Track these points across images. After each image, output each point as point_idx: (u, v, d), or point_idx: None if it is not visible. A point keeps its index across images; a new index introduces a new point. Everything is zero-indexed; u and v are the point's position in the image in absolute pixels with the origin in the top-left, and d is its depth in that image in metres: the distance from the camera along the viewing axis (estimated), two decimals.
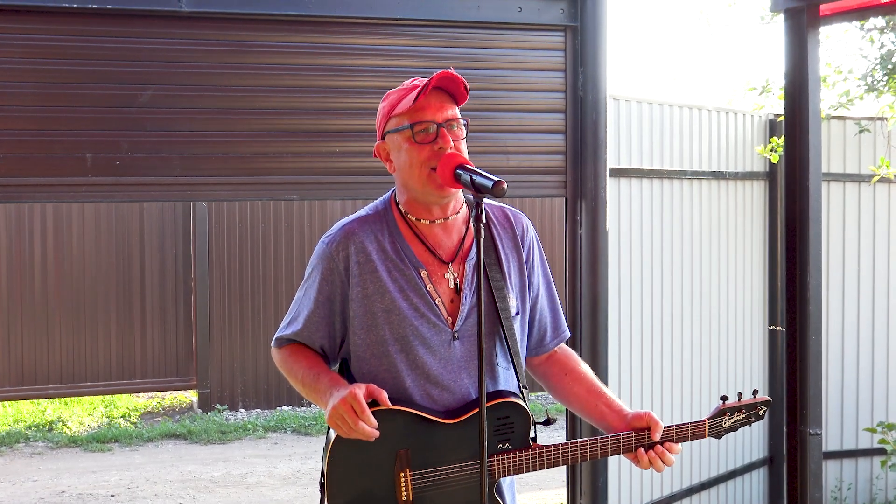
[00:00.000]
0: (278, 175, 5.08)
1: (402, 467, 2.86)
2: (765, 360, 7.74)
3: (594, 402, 3.16)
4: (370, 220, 3.01)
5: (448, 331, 2.95)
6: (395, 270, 2.94)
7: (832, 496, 7.89)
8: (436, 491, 2.89)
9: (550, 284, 3.21)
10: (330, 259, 2.97)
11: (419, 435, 2.88)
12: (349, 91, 5.15)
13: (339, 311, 2.98)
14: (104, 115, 4.81)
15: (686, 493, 7.00)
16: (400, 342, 2.92)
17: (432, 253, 2.98)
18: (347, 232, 2.98)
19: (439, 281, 2.97)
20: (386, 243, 2.97)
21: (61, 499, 8.82)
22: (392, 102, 2.95)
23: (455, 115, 2.91)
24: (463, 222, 3.04)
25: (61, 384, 11.82)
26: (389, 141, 2.96)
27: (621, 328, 6.40)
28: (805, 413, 4.70)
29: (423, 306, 2.93)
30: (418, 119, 2.87)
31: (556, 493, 8.79)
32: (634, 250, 6.54)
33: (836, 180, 7.85)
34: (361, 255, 2.94)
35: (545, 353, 3.23)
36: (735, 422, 3.19)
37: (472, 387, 2.96)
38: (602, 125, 5.56)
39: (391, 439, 2.84)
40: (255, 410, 12.31)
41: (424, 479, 2.88)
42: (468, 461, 2.90)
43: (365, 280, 2.93)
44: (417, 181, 2.90)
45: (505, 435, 2.93)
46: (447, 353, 2.95)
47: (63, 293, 11.73)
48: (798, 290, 4.71)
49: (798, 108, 4.78)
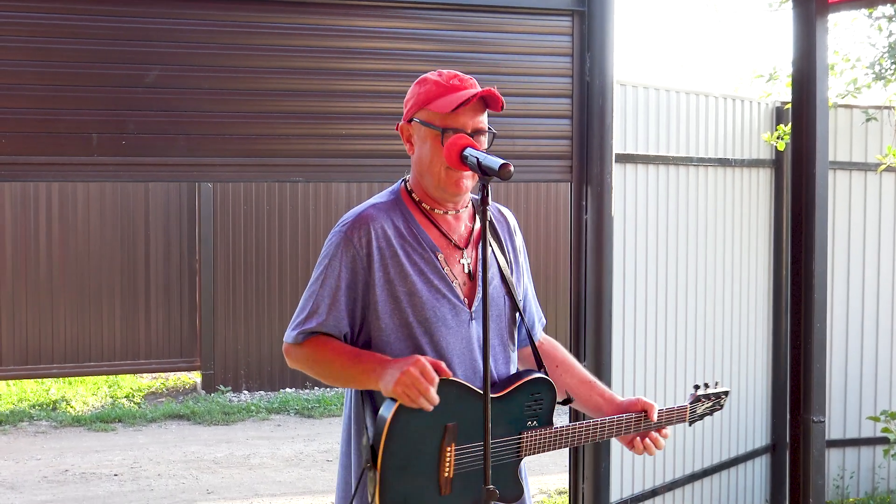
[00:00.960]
0: (284, 157, 5.08)
1: (450, 441, 2.88)
2: (769, 347, 7.73)
3: (587, 392, 3.26)
4: (384, 206, 3.04)
5: (466, 311, 3.00)
6: (414, 254, 2.98)
7: (834, 485, 7.90)
8: (473, 468, 2.91)
9: (530, 276, 3.32)
10: (350, 245, 2.95)
11: (465, 408, 2.89)
12: (355, 73, 5.14)
13: (360, 298, 2.97)
14: (110, 95, 4.81)
15: (688, 479, 7.01)
16: (423, 324, 2.95)
17: (447, 238, 3.03)
18: (366, 218, 2.98)
19: (454, 264, 3.02)
20: (402, 228, 3.00)
21: (65, 477, 8.84)
22: (429, 95, 2.98)
23: (483, 127, 2.98)
24: (469, 215, 3.12)
25: (65, 364, 11.84)
26: (415, 128, 3.01)
27: (625, 314, 6.40)
28: (808, 400, 4.70)
29: (443, 288, 2.98)
30: (451, 125, 2.93)
31: (558, 477, 8.80)
32: (639, 236, 6.54)
33: (843, 169, 7.83)
34: (382, 240, 2.96)
35: (527, 344, 3.28)
36: (705, 409, 3.36)
37: (491, 366, 3.02)
38: (608, 110, 5.55)
39: (442, 412, 2.85)
40: (258, 392, 12.33)
41: (467, 454, 2.91)
42: (504, 436, 2.96)
43: (386, 265, 2.95)
44: (435, 179, 2.97)
45: (535, 412, 3.00)
46: (466, 333, 2.99)
47: (68, 273, 11.74)
48: (803, 277, 4.70)
49: (805, 95, 4.76)
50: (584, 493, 5.68)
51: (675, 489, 6.93)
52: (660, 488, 6.78)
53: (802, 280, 4.71)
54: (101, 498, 8.28)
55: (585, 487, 5.66)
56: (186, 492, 8.48)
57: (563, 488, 8.38)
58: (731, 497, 7.49)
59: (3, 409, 11.31)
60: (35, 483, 8.69)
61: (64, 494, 8.36)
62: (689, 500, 7.08)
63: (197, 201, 12.11)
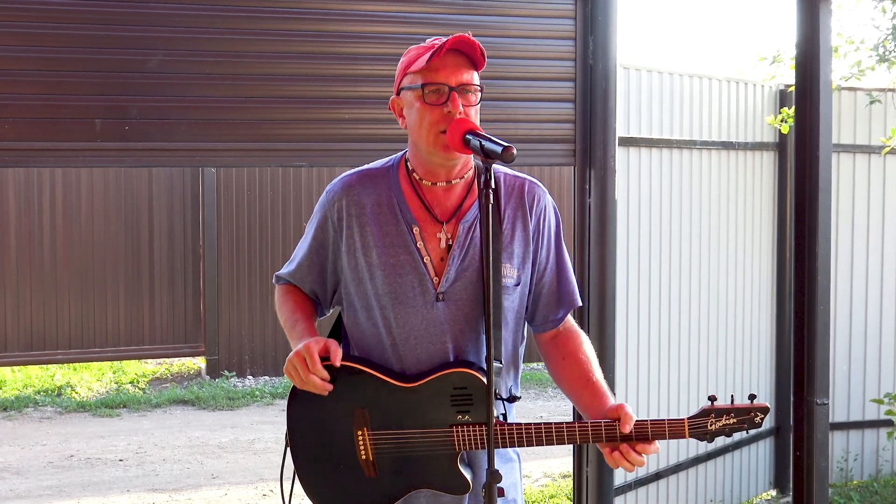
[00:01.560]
0: (287, 141, 5.08)
1: (360, 426, 2.87)
2: (773, 330, 7.74)
3: (581, 389, 3.02)
4: (373, 174, 3.02)
5: (432, 291, 2.92)
6: (387, 225, 2.94)
7: (838, 467, 7.91)
8: (397, 453, 2.89)
9: (562, 258, 3.10)
10: (326, 209, 3.01)
11: (377, 396, 2.88)
12: (358, 58, 5.14)
13: (331, 261, 3.02)
14: (113, 80, 4.80)
15: (692, 462, 7.02)
16: (381, 299, 2.93)
17: (428, 210, 2.96)
18: (346, 185, 3.00)
19: (430, 239, 2.95)
20: (383, 198, 2.97)
21: (70, 463, 8.87)
22: (410, 59, 2.93)
23: (470, 81, 2.88)
24: (466, 185, 3.00)
25: (70, 350, 11.87)
26: (403, 97, 2.96)
27: (629, 297, 6.40)
28: (812, 383, 4.70)
29: (409, 264, 2.92)
30: (431, 80, 2.86)
31: (562, 461, 8.82)
32: (643, 219, 6.53)
33: (847, 151, 7.82)
34: (355, 207, 2.96)
35: (550, 329, 3.13)
36: (725, 425, 2.87)
37: (452, 350, 2.92)
38: (612, 94, 5.54)
39: (349, 397, 2.87)
40: (262, 377, 12.35)
41: (384, 440, 2.88)
42: (424, 427, 2.87)
43: (354, 234, 2.95)
44: (425, 142, 2.89)
45: (463, 406, 2.86)
46: (430, 313, 2.92)
47: (72, 259, 11.76)
48: (807, 260, 4.70)
49: (809, 78, 4.76)
50: (589, 476, 5.69)
51: (680, 472, 6.95)
52: (664, 471, 6.79)
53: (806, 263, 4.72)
54: (107, 483, 8.31)
55: (589, 471, 5.67)
56: (191, 477, 8.50)
57: (567, 472, 8.40)
58: (735, 480, 7.50)
59: (9, 396, 11.34)
60: (40, 468, 8.72)
61: (69, 480, 8.39)
62: (694, 484, 7.09)
63: (200, 187, 12.12)
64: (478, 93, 2.91)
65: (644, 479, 6.63)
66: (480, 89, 2.92)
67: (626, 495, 6.45)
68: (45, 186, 11.63)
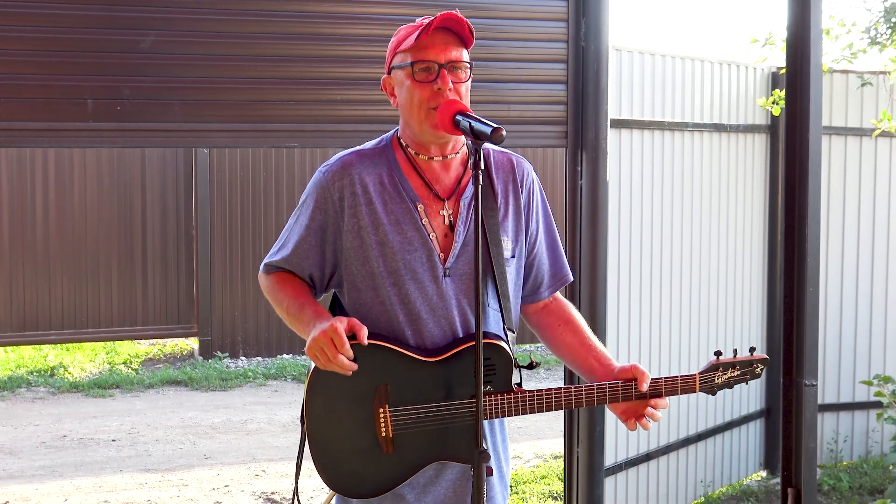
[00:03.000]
0: (279, 122, 5.08)
1: (382, 403, 2.88)
2: (763, 311, 7.77)
3: (584, 354, 3.15)
4: (369, 153, 3.03)
5: (440, 266, 2.96)
6: (392, 203, 2.96)
7: (828, 448, 7.95)
8: (416, 429, 2.91)
9: (552, 231, 3.20)
10: (325, 189, 2.98)
11: (399, 372, 2.90)
12: (351, 39, 5.14)
13: (330, 242, 3.00)
14: (105, 61, 4.80)
15: (682, 443, 7.06)
16: (392, 276, 2.94)
17: (429, 188, 2.99)
18: (345, 163, 3.00)
19: (434, 216, 2.98)
20: (384, 176, 2.98)
21: (63, 443, 8.89)
22: (400, 38, 2.96)
23: (459, 58, 2.91)
24: (461, 163, 3.04)
25: (63, 330, 11.87)
26: (394, 76, 2.98)
27: (620, 278, 6.42)
28: (801, 364, 4.73)
29: (417, 240, 2.95)
30: (420, 57, 2.88)
31: (553, 442, 8.86)
32: (634, 201, 6.55)
33: (838, 134, 7.84)
34: (358, 186, 2.95)
35: (541, 300, 3.23)
36: (730, 378, 3.08)
37: (460, 325, 2.97)
38: (604, 76, 5.55)
39: (371, 374, 2.86)
40: (255, 358, 12.37)
41: (404, 416, 2.90)
42: (447, 400, 2.91)
43: (360, 212, 2.95)
44: (415, 119, 2.92)
45: (487, 376, 2.92)
46: (438, 289, 2.95)
47: (65, 239, 11.75)
48: (796, 241, 4.72)
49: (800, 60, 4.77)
50: (580, 456, 5.72)
51: (670, 453, 6.98)
52: (654, 452, 6.83)
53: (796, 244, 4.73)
54: (99, 463, 8.33)
55: (580, 451, 5.70)
56: (184, 457, 8.53)
57: (558, 452, 8.43)
58: (725, 461, 7.54)
59: (2, 376, 11.36)
60: (33, 448, 8.74)
61: (62, 460, 8.41)
62: (684, 464, 7.13)
63: (193, 168, 12.12)
64: (467, 70, 2.94)
65: (634, 459, 6.66)
66: (470, 67, 2.95)
67: (616, 476, 6.48)
68: (37, 166, 11.62)
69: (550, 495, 7.58)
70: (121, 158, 11.92)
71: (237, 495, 7.54)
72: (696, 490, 7.27)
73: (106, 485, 7.77)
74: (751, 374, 3.12)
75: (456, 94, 2.89)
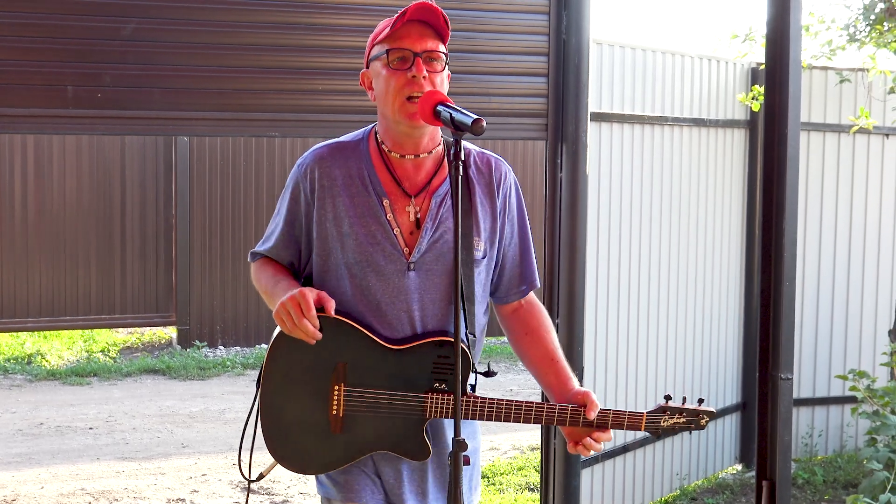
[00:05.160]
0: (260, 111, 5.08)
1: (338, 381, 2.92)
2: (741, 307, 7.81)
3: (545, 369, 3.17)
4: (344, 147, 3.06)
5: (403, 260, 2.97)
6: (359, 196, 2.99)
7: (803, 443, 8.00)
8: (366, 413, 2.93)
9: (526, 235, 3.21)
10: (299, 181, 3.05)
11: (360, 353, 2.93)
12: (333, 28, 5.14)
13: (304, 232, 3.06)
14: (86, 48, 4.79)
15: None
16: (353, 267, 2.97)
17: (398, 184, 3.01)
18: (318, 156, 3.04)
19: (400, 212, 3.00)
20: (354, 170, 3.01)
21: (39, 430, 8.87)
22: (378, 31, 2.99)
23: (435, 48, 2.93)
24: (435, 161, 3.06)
25: (41, 318, 11.84)
26: (372, 68, 3.01)
27: (599, 272, 6.44)
28: (777, 358, 4.75)
29: (380, 234, 2.97)
30: (395, 46, 2.91)
31: (530, 434, 8.88)
32: (614, 195, 6.57)
33: (817, 130, 7.87)
34: (326, 179, 3.00)
35: (511, 303, 3.24)
36: (675, 423, 3.12)
37: (419, 320, 2.99)
38: (584, 69, 5.56)
39: (332, 350, 2.90)
40: (234, 348, 12.36)
41: (357, 398, 2.93)
42: (402, 391, 2.94)
43: (326, 204, 2.99)
44: (391, 109, 2.94)
45: (442, 375, 2.94)
46: (400, 283, 2.97)
47: (43, 226, 11.71)
48: (773, 235, 4.74)
49: (779, 55, 4.79)
50: (556, 448, 5.74)
51: (646, 446, 7.01)
52: (631, 445, 6.86)
53: (773, 239, 4.76)
54: (76, 451, 8.32)
55: (557, 443, 5.72)
56: (161, 445, 8.53)
57: (535, 445, 8.46)
58: (701, 454, 7.58)
59: None
60: (10, 436, 8.71)
61: (39, 447, 8.39)
62: (660, 457, 7.16)
63: (173, 156, 12.10)
64: (443, 61, 2.96)
65: (611, 452, 6.69)
66: (446, 58, 2.97)
67: (592, 468, 6.51)
68: (16, 153, 11.57)
69: (527, 487, 7.60)
70: (100, 146, 11.88)
71: (214, 484, 7.54)
72: (672, 483, 7.31)
73: (83, 472, 7.76)
74: (695, 424, 3.16)
75: (430, 84, 2.90)
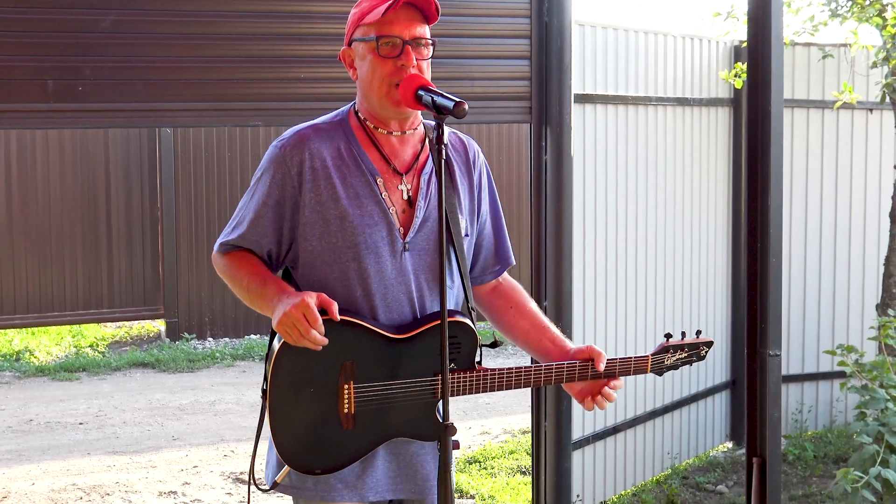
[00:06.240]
0: (243, 101, 5.06)
1: (347, 379, 2.89)
2: (728, 284, 7.82)
3: (538, 336, 3.19)
4: (325, 127, 3.02)
5: (400, 241, 2.96)
6: (351, 177, 2.95)
7: (793, 419, 8.02)
8: (378, 406, 2.92)
9: (498, 212, 3.22)
10: (282, 163, 2.96)
11: (366, 349, 2.90)
12: (314, 16, 5.12)
13: (288, 217, 2.97)
14: (66, 41, 4.76)
15: (649, 415, 7.10)
16: (351, 250, 2.93)
17: (387, 162, 2.99)
18: (302, 137, 2.98)
19: (393, 190, 2.98)
20: (342, 150, 2.97)
21: (29, 427, 8.85)
22: (363, 10, 2.94)
23: (423, 35, 2.92)
24: (419, 139, 3.06)
25: (28, 314, 11.81)
26: (355, 48, 2.98)
27: (586, 253, 6.44)
28: (765, 334, 4.75)
29: (377, 214, 2.94)
30: (385, 32, 2.89)
31: (521, 417, 8.89)
32: (599, 176, 6.57)
33: (800, 107, 7.88)
34: (316, 160, 2.94)
35: (489, 282, 3.25)
36: (677, 360, 3.26)
37: (418, 300, 2.98)
38: (567, 51, 5.56)
39: (338, 351, 2.86)
40: (223, 339, 12.34)
41: (368, 393, 2.90)
42: (413, 378, 2.93)
43: (318, 186, 2.93)
44: (377, 95, 2.92)
45: (451, 354, 2.93)
46: (398, 264, 2.96)
47: (29, 222, 11.67)
48: (759, 212, 4.75)
49: (761, 32, 4.78)
50: (547, 431, 5.75)
51: (637, 426, 7.02)
52: (621, 425, 6.87)
53: (758, 216, 4.76)
54: (67, 446, 8.30)
55: (548, 426, 5.74)
56: (152, 438, 8.51)
57: (526, 427, 8.47)
58: (691, 433, 7.59)
59: None
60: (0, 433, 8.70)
61: (29, 444, 8.37)
62: (651, 437, 7.18)
63: (157, 148, 12.06)
64: (430, 47, 2.95)
65: (601, 432, 6.70)
66: (433, 44, 2.95)
67: (583, 449, 6.52)
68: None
69: (519, 470, 7.61)
70: (84, 139, 11.83)
71: (206, 476, 7.54)
72: (664, 462, 7.33)
73: (74, 468, 7.74)
74: (696, 356, 3.31)
75: (418, 71, 2.89)
